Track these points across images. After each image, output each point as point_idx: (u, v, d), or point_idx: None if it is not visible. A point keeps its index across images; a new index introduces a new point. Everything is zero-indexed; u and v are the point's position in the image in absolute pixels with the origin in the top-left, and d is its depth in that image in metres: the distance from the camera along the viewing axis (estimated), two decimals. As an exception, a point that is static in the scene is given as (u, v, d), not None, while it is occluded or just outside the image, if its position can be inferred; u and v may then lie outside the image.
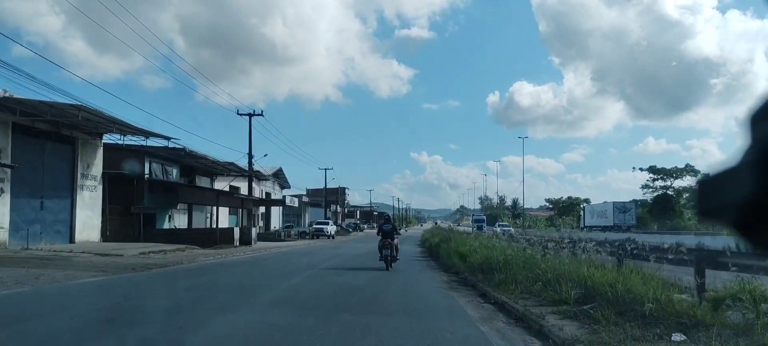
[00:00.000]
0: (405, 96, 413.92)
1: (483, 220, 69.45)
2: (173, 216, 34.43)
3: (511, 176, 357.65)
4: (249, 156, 40.66)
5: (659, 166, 70.78)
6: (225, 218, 40.53)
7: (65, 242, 23.81)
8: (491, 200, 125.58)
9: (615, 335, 5.95)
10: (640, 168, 73.44)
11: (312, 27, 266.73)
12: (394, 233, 16.25)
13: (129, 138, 26.30)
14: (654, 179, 70.02)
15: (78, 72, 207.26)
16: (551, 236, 23.55)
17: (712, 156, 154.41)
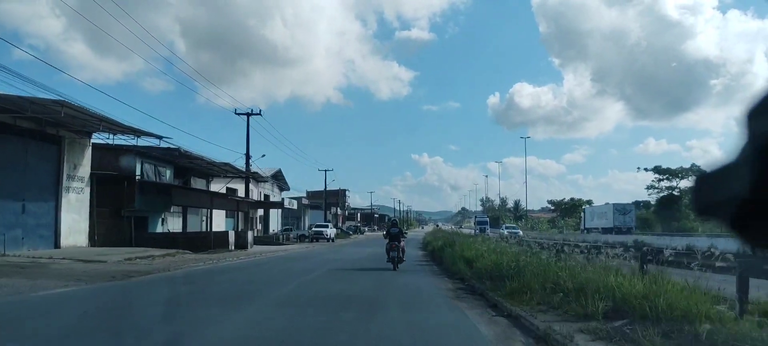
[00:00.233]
0: (405, 98, 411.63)
1: (486, 222, 67.75)
2: (167, 219, 33.28)
3: (512, 177, 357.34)
4: (246, 157, 39.56)
5: (661, 166, 69.98)
6: (222, 221, 39.40)
7: (50, 247, 22.66)
8: (492, 201, 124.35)
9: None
10: (644, 168, 72.46)
11: (312, 29, 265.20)
12: (400, 236, 17.44)
13: (120, 138, 25.24)
14: (659, 180, 69.05)
15: (79, 74, 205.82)
16: (566, 238, 22.57)
17: (712, 157, 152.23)
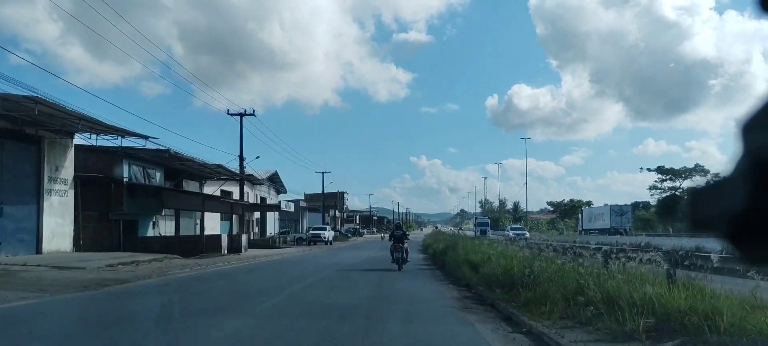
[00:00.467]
0: (404, 100, 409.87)
1: (487, 224, 66.38)
2: (158, 223, 32.06)
3: (511, 179, 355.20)
4: (240, 158, 38.34)
5: (663, 167, 69.16)
6: (217, 224, 38.15)
7: (31, 252, 21.42)
8: (492, 203, 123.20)
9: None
10: (647, 168, 71.63)
11: (310, 32, 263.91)
12: (404, 239, 18.30)
13: (104, 138, 24.02)
14: (662, 180, 68.20)
15: (76, 79, 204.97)
16: (585, 241, 21.50)
17: (712, 157, 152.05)
